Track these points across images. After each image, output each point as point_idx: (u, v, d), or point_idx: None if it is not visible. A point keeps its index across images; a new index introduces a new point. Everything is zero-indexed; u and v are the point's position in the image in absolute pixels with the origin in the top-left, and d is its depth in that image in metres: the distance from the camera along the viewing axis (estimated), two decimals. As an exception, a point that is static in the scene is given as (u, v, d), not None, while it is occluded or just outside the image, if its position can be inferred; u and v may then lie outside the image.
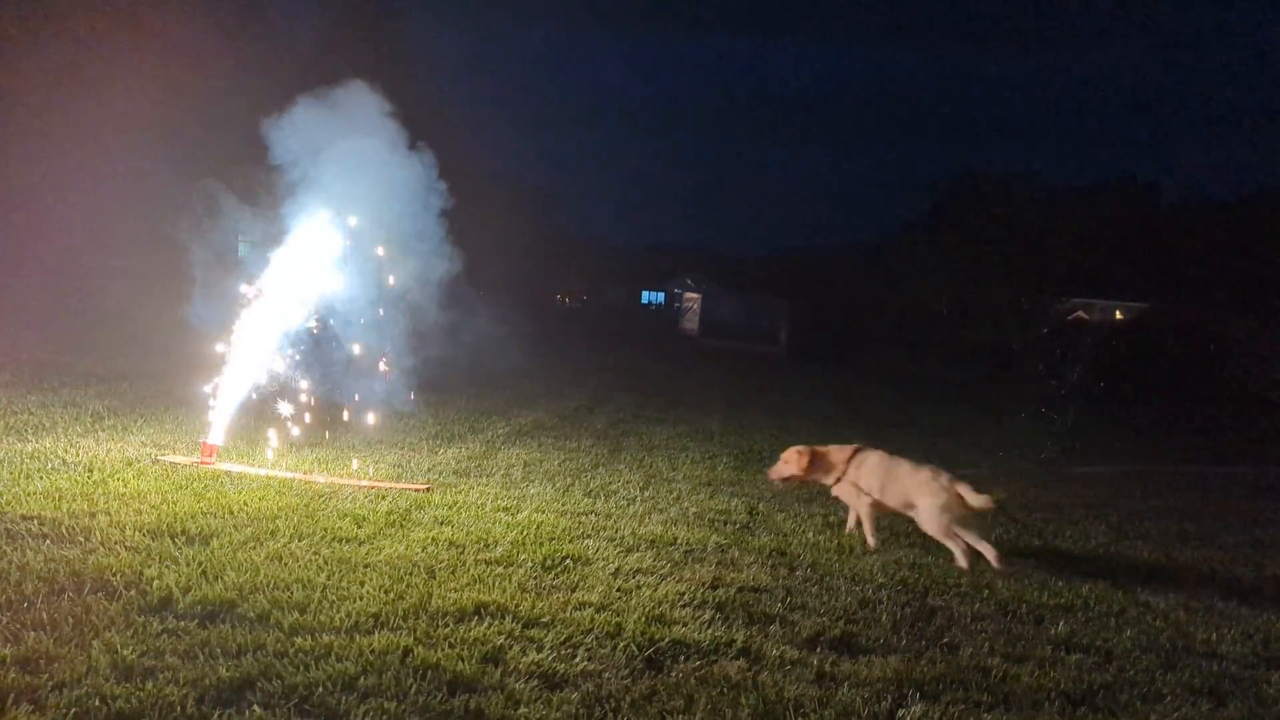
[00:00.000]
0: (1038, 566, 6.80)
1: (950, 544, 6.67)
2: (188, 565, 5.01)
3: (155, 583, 4.69)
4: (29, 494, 6.08)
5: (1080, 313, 42.16)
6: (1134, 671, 4.89)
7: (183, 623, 4.29)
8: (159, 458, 7.58)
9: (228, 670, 3.86)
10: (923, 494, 6.77)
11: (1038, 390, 15.85)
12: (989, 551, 6.63)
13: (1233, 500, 10.58)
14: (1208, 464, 13.33)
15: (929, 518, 6.72)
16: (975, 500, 6.64)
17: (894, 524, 7.59)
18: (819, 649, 4.76)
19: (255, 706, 3.62)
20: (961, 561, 6.57)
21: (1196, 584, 6.72)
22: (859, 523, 7.17)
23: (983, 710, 4.22)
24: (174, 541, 5.40)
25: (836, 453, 7.26)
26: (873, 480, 7.02)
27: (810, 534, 7.11)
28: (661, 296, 64.04)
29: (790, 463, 7.33)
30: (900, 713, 4.10)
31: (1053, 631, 5.39)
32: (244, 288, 8.00)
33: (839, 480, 7.19)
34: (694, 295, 58.29)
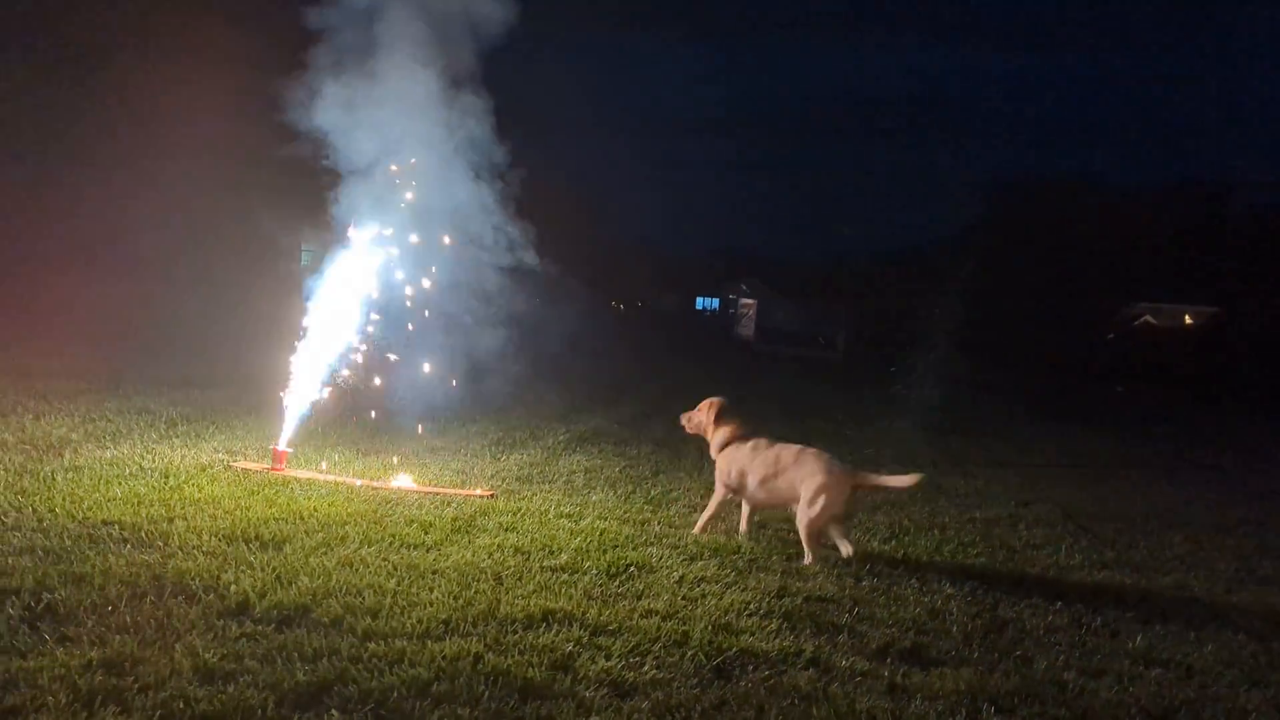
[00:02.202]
0: (1112, 577, 6.65)
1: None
2: (263, 570, 5.11)
3: (232, 587, 4.79)
4: (109, 500, 6.25)
5: (1148, 316, 41.24)
6: (1217, 687, 4.76)
7: (260, 627, 4.38)
8: (232, 464, 7.75)
9: (305, 675, 3.92)
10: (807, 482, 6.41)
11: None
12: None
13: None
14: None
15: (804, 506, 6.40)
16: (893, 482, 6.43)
17: (959, 535, 7.49)
18: (889, 660, 4.70)
19: (333, 711, 3.68)
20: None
21: None
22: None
23: (1060, 725, 4.14)
24: (248, 546, 5.51)
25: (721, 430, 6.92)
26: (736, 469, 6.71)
27: (876, 543, 7.04)
28: (716, 303, 63.93)
29: (700, 413, 7.11)
30: (975, 727, 4.03)
31: (1130, 645, 5.26)
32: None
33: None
34: (749, 301, 58.05)
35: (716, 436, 6.95)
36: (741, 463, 6.74)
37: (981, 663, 4.79)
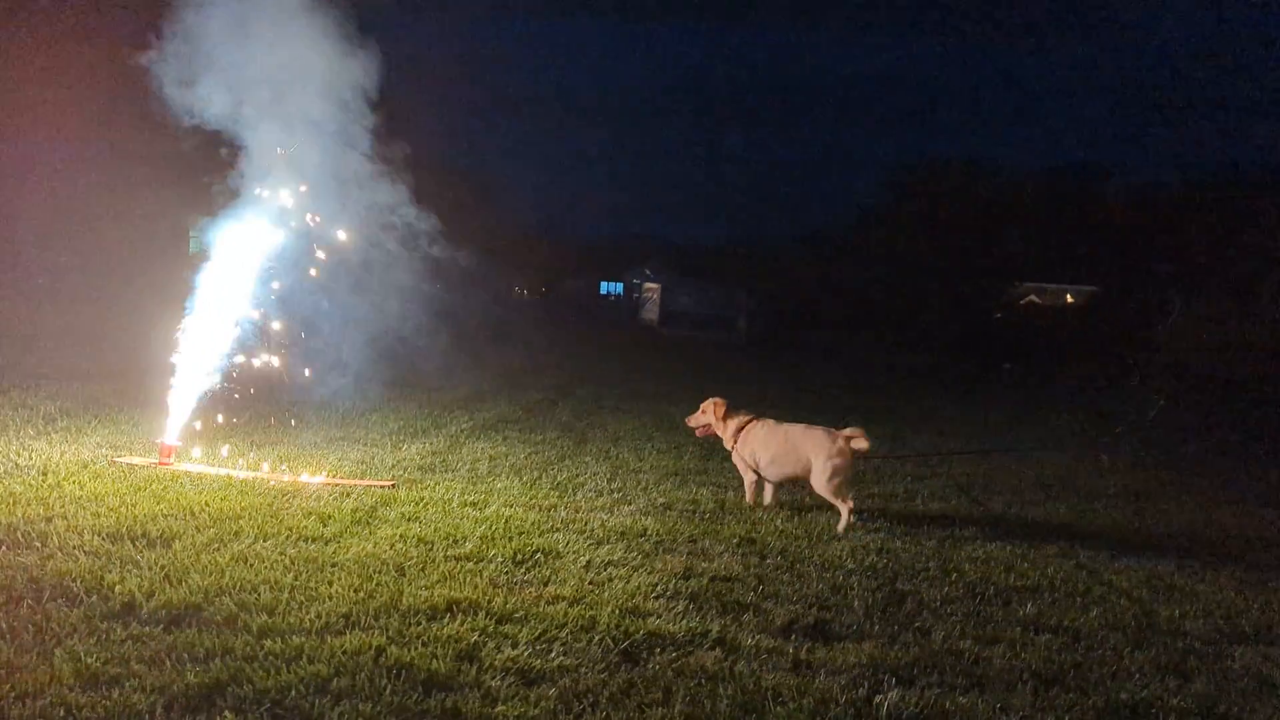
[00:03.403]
0: (1003, 548, 6.87)
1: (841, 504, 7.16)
2: (150, 569, 4.90)
3: (117, 588, 4.59)
4: (-19, 500, 5.91)
5: (1033, 296, 42.77)
6: (1102, 651, 4.96)
7: (147, 628, 4.20)
8: (115, 459, 7.42)
9: (196, 676, 3.77)
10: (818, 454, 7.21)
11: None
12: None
13: (1186, 479, 10.78)
14: (1162, 443, 13.52)
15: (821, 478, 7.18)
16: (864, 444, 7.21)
17: (860, 508, 7.64)
18: (793, 637, 4.77)
19: (226, 712, 3.55)
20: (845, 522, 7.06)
21: (1157, 562, 6.83)
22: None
23: (958, 694, 4.25)
24: (135, 545, 5.28)
25: (733, 420, 7.73)
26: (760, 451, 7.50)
27: (779, 521, 7.13)
28: (620, 287, 63.95)
29: (705, 413, 7.88)
30: (877, 699, 4.11)
31: (1021, 613, 5.45)
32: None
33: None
34: (653, 285, 58.22)
35: (728, 429, 7.73)
36: (754, 446, 7.54)
37: (882, 635, 4.90)
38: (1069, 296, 43.60)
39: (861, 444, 7.21)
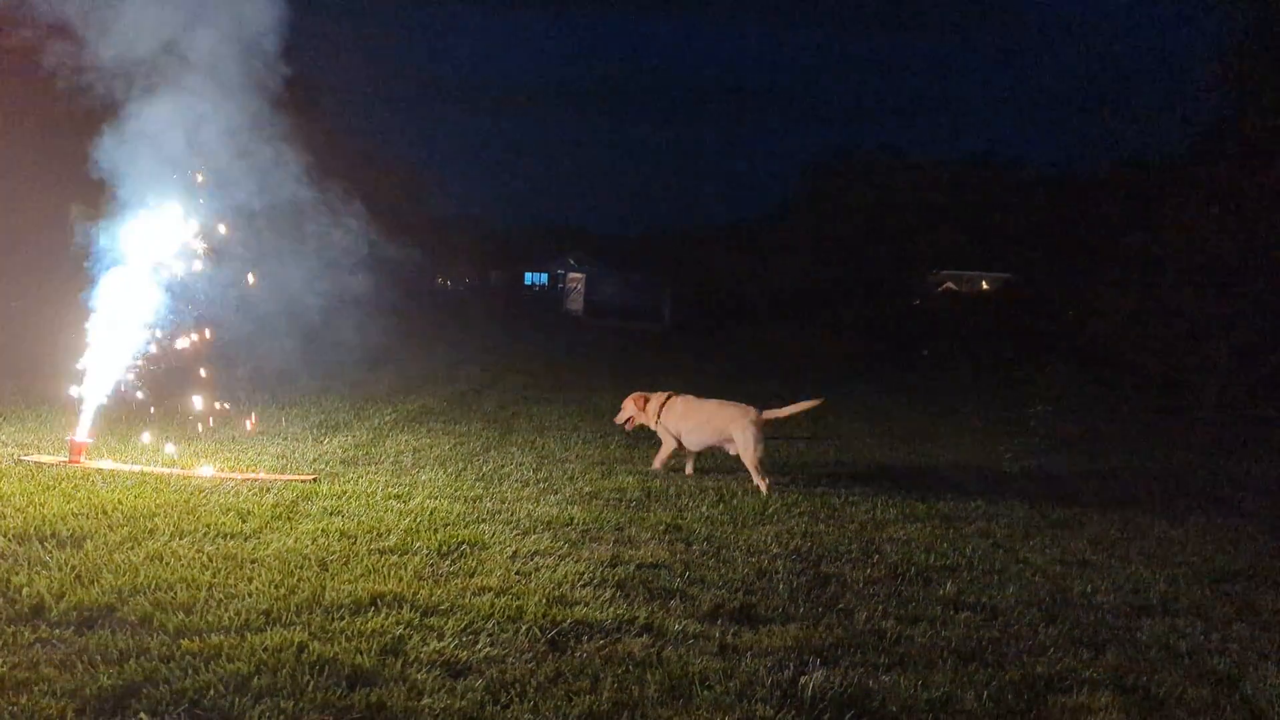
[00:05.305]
0: (923, 529, 7.03)
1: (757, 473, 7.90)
2: (60, 570, 4.74)
3: (25, 590, 4.42)
4: (-125, 502, 5.65)
5: (950, 284, 43.73)
6: (1018, 626, 5.10)
7: (57, 630, 4.06)
8: (22, 458, 7.15)
9: (109, 678, 3.66)
10: (736, 426, 7.99)
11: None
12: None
13: (1099, 459, 11.14)
14: (1074, 423, 13.95)
15: (744, 448, 7.93)
16: (794, 409, 8.22)
17: (784, 494, 7.74)
18: (720, 621, 4.81)
19: (142, 714, 3.45)
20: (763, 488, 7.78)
21: (1070, 540, 7.05)
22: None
23: (880, 672, 4.33)
24: (43, 545, 5.10)
25: (654, 399, 8.53)
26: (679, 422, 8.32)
27: (705, 508, 7.18)
28: (544, 277, 63.74)
29: (627, 409, 8.64)
30: (802, 680, 4.16)
31: (941, 592, 5.58)
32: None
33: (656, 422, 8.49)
34: (577, 275, 58.14)
35: (650, 412, 8.47)
36: (676, 419, 8.31)
37: (807, 618, 4.97)
38: (984, 283, 44.71)
39: (779, 412, 8.18)
